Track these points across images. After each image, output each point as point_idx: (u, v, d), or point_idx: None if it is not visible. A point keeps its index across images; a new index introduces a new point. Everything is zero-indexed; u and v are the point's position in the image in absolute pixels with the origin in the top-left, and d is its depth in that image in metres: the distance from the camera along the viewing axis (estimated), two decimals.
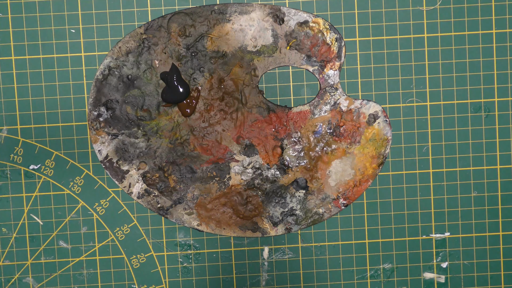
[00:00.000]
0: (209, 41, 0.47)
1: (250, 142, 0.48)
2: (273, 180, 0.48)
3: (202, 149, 0.48)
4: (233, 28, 0.47)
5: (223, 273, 0.49)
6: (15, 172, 0.48)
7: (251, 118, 0.48)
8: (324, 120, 0.48)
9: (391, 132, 0.48)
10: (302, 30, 0.47)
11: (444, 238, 0.49)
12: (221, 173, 0.48)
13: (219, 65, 0.47)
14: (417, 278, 0.49)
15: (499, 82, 0.48)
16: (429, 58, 0.48)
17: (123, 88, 0.47)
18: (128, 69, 0.47)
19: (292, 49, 0.47)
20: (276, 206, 0.48)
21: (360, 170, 0.48)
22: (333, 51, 0.47)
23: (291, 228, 0.48)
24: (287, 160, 0.48)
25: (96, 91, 0.47)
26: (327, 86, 0.47)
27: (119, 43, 0.47)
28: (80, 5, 0.47)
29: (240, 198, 0.48)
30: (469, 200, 0.49)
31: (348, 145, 0.48)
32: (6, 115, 0.47)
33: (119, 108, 0.47)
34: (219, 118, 0.48)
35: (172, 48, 0.47)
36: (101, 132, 0.47)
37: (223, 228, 0.48)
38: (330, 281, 0.49)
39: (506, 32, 0.48)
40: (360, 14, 0.47)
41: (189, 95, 0.47)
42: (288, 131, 0.48)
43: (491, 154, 0.49)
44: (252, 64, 0.47)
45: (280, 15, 0.47)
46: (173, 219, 0.48)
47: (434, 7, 0.48)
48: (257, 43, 0.47)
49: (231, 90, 0.47)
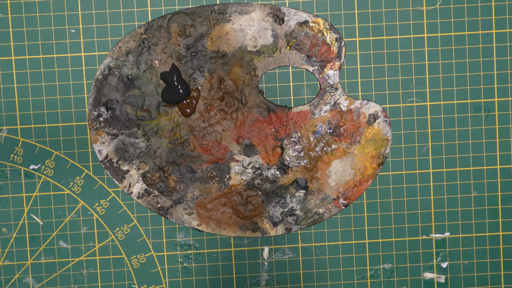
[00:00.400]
0: (209, 41, 0.47)
1: (250, 142, 0.48)
2: (273, 180, 0.48)
3: (202, 149, 0.48)
4: (233, 28, 0.47)
5: (223, 273, 0.49)
6: (15, 172, 0.48)
7: (251, 118, 0.48)
8: (324, 120, 0.48)
9: (391, 132, 0.48)
10: (302, 30, 0.47)
11: (444, 238, 0.49)
12: (221, 173, 0.48)
13: (219, 65, 0.47)
14: (417, 278, 0.49)
15: (499, 82, 0.48)
16: (429, 58, 0.48)
17: (123, 88, 0.47)
18: (128, 69, 0.47)
19: (292, 49, 0.47)
20: (276, 206, 0.48)
21: (360, 170, 0.48)
22: (333, 51, 0.47)
23: (291, 228, 0.48)
24: (287, 160, 0.48)
25: (96, 91, 0.47)
26: (327, 86, 0.47)
27: (119, 43, 0.47)
28: (80, 5, 0.47)
29: (240, 198, 0.48)
30: (469, 200, 0.49)
31: (348, 145, 0.48)
32: (6, 115, 0.47)
33: (119, 108, 0.47)
34: (219, 118, 0.47)
35: (172, 48, 0.47)
36: (101, 132, 0.47)
37: (223, 228, 0.48)
38: (330, 281, 0.49)
39: (506, 32, 0.48)
40: (360, 14, 0.47)
41: (189, 95, 0.47)
42: (288, 131, 0.48)
43: (491, 154, 0.48)
44: (252, 64, 0.47)
45: (280, 15, 0.47)
46: (173, 219, 0.48)
47: (434, 7, 0.48)
48: (257, 43, 0.47)
49: (231, 90, 0.47)
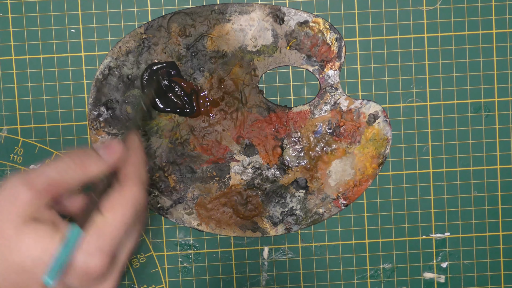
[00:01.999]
0: (209, 41, 0.47)
1: (250, 142, 0.48)
2: (273, 180, 0.48)
3: (202, 149, 0.48)
4: (233, 28, 0.47)
5: (223, 273, 0.49)
6: (15, 172, 0.48)
7: (251, 118, 0.48)
8: (324, 120, 0.48)
9: (391, 132, 0.48)
10: (302, 30, 0.47)
11: (444, 238, 0.49)
12: (221, 173, 0.48)
13: (219, 65, 0.47)
14: (417, 278, 0.49)
15: (499, 82, 0.48)
16: (429, 58, 0.48)
17: (123, 88, 0.47)
18: (128, 69, 0.47)
19: (292, 49, 0.47)
20: (276, 206, 0.48)
21: (360, 170, 0.48)
22: (333, 51, 0.47)
23: (291, 228, 0.48)
24: (287, 160, 0.48)
25: (96, 91, 0.47)
26: (327, 86, 0.47)
27: (119, 43, 0.47)
28: (80, 5, 0.47)
29: (240, 198, 0.48)
30: (469, 200, 0.49)
31: (348, 145, 0.48)
32: (6, 115, 0.47)
33: (119, 108, 0.47)
34: (219, 118, 0.47)
35: (172, 48, 0.47)
36: (101, 132, 0.47)
37: (223, 228, 0.48)
38: (330, 281, 0.49)
39: (506, 32, 0.48)
40: (360, 14, 0.47)
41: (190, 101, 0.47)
42: (288, 131, 0.48)
43: (491, 154, 0.49)
44: (252, 64, 0.47)
45: (280, 15, 0.47)
46: (173, 219, 0.48)
47: (434, 7, 0.48)
48: (257, 43, 0.47)
49: (231, 90, 0.47)
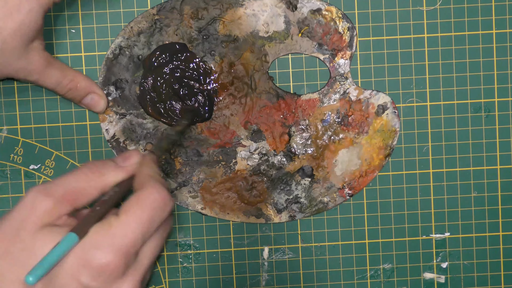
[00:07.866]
0: (221, 25, 0.47)
1: (258, 128, 0.48)
2: (279, 166, 0.48)
3: (210, 132, 0.48)
4: (246, 12, 0.47)
5: (223, 273, 0.49)
6: (15, 172, 0.48)
7: (260, 103, 0.48)
8: (332, 109, 0.47)
9: (399, 124, 0.48)
10: (314, 17, 0.47)
11: (444, 238, 0.49)
12: (227, 157, 0.48)
13: (230, 49, 0.47)
14: (417, 278, 0.49)
15: (499, 82, 0.48)
16: (429, 58, 0.48)
17: (133, 68, 0.47)
18: (139, 49, 0.47)
19: (304, 36, 0.47)
20: (281, 193, 0.48)
21: (366, 160, 0.48)
22: (344, 40, 0.47)
23: (295, 216, 0.48)
24: (294, 147, 0.48)
25: (106, 70, 0.47)
26: (337, 75, 0.47)
27: (131, 23, 0.46)
28: (80, 5, 0.47)
29: (245, 183, 0.48)
30: (469, 200, 0.49)
31: (356, 135, 0.48)
32: (6, 115, 0.47)
33: (128, 88, 0.47)
34: (228, 102, 0.47)
35: (183, 30, 0.47)
36: (109, 111, 0.47)
37: (227, 213, 0.48)
38: (330, 281, 0.49)
39: (506, 32, 0.48)
40: (360, 14, 0.47)
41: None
42: (296, 118, 0.48)
43: (491, 154, 0.49)
44: (263, 49, 0.47)
45: (294, 2, 0.47)
46: (178, 202, 0.48)
47: (434, 7, 0.48)
48: (269, 29, 0.47)
49: (241, 75, 0.47)
